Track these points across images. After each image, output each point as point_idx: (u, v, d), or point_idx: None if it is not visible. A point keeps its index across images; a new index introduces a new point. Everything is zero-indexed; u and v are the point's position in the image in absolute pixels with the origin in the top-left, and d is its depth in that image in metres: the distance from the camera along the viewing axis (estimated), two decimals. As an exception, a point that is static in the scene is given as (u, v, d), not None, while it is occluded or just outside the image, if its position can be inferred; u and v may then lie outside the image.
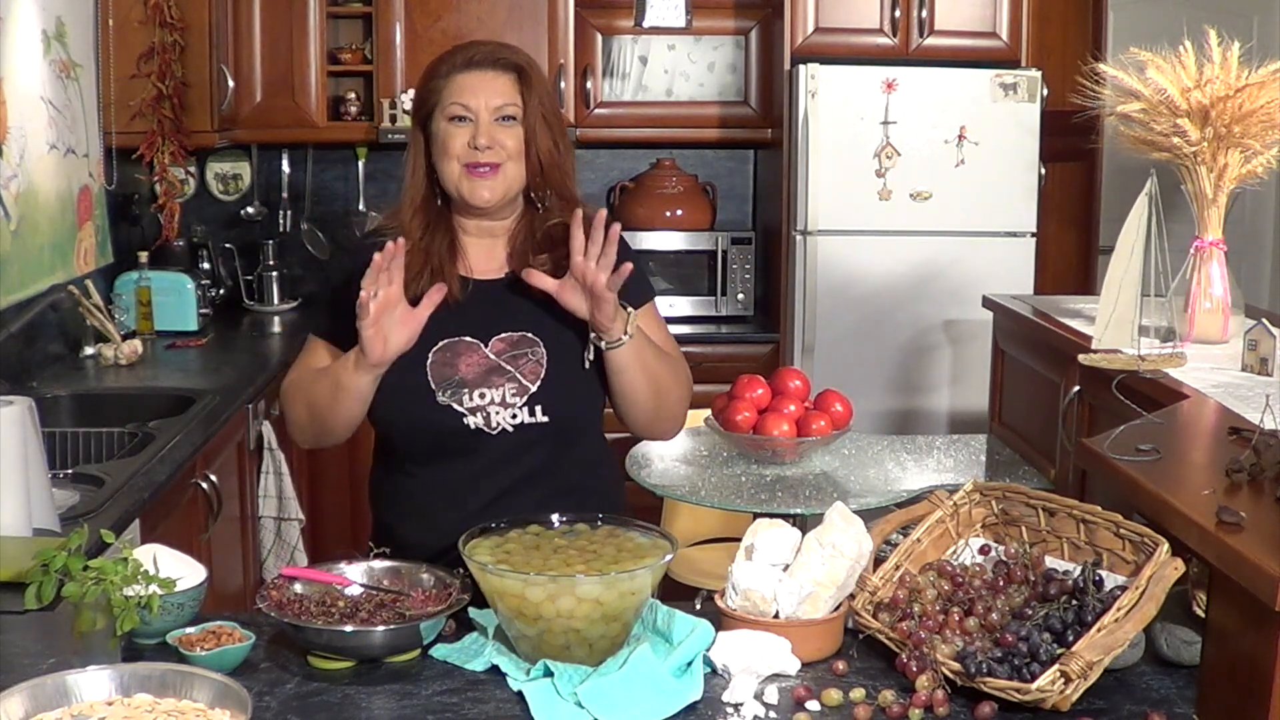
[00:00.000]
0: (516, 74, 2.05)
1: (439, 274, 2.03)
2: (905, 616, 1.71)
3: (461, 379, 2.03)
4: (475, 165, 2.02)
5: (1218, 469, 1.80)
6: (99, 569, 1.62)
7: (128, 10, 4.06)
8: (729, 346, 4.82)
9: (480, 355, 2.04)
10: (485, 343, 2.05)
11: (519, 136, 2.04)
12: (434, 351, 2.04)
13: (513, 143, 2.04)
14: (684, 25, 4.98)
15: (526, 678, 1.63)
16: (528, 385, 2.03)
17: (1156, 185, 2.65)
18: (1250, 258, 5.55)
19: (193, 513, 3.02)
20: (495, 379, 2.03)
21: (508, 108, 2.03)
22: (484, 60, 2.05)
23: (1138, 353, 2.74)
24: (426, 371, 2.03)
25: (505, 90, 2.04)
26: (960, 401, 4.61)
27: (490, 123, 2.03)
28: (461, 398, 2.02)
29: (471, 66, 2.05)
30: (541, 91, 2.06)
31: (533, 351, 2.05)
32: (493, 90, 2.03)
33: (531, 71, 2.06)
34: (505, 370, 2.04)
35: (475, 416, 2.02)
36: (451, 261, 2.07)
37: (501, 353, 2.05)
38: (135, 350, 3.79)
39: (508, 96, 2.04)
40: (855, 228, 4.53)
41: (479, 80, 2.04)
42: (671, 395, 2.12)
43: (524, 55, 2.09)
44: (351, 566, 1.84)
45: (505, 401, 2.02)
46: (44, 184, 3.58)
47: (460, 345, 2.04)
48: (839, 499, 2.11)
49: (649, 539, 1.79)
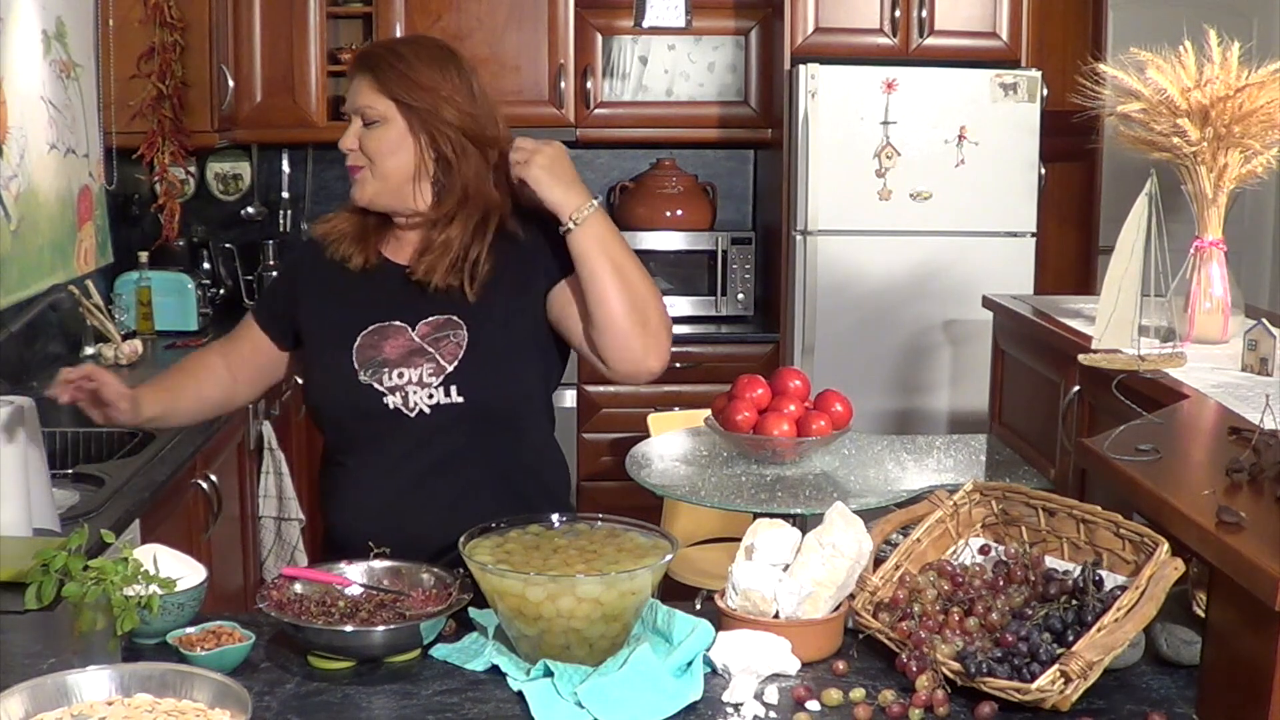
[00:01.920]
0: (370, 75, 2.03)
1: (361, 242, 2.09)
2: (905, 616, 1.71)
3: (384, 359, 2.04)
4: (351, 167, 2.06)
5: (1218, 469, 1.80)
6: (99, 569, 1.62)
7: (128, 10, 4.06)
8: (729, 346, 4.82)
9: (406, 338, 2.05)
10: (413, 326, 2.06)
11: (380, 138, 2.02)
12: (363, 334, 2.06)
13: (371, 144, 2.02)
14: (684, 25, 4.98)
15: (526, 678, 1.63)
16: (445, 365, 2.03)
17: (1156, 185, 2.65)
18: (1250, 258, 5.55)
19: (193, 513, 3.03)
20: (415, 359, 2.03)
21: (365, 110, 2.03)
22: (355, 64, 2.07)
23: (1138, 353, 2.74)
24: (353, 353, 2.05)
25: (365, 93, 2.03)
26: (960, 401, 4.61)
27: (357, 126, 2.04)
28: (382, 377, 2.03)
29: (350, 72, 2.08)
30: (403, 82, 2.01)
31: (454, 334, 2.04)
32: (356, 95, 2.04)
33: (386, 68, 2.01)
34: (426, 351, 2.04)
35: (394, 396, 2.02)
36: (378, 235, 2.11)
37: (425, 335, 2.05)
38: (135, 350, 3.79)
39: (366, 99, 2.02)
40: (855, 228, 4.54)
41: (351, 85, 2.07)
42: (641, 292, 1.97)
43: (386, 52, 2.06)
44: (351, 566, 1.84)
45: (423, 381, 2.02)
46: (44, 184, 3.58)
47: (389, 329, 2.06)
48: (839, 499, 2.11)
49: (649, 539, 1.79)
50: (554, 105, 4.82)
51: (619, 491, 4.27)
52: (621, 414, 4.75)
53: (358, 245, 2.10)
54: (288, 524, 3.78)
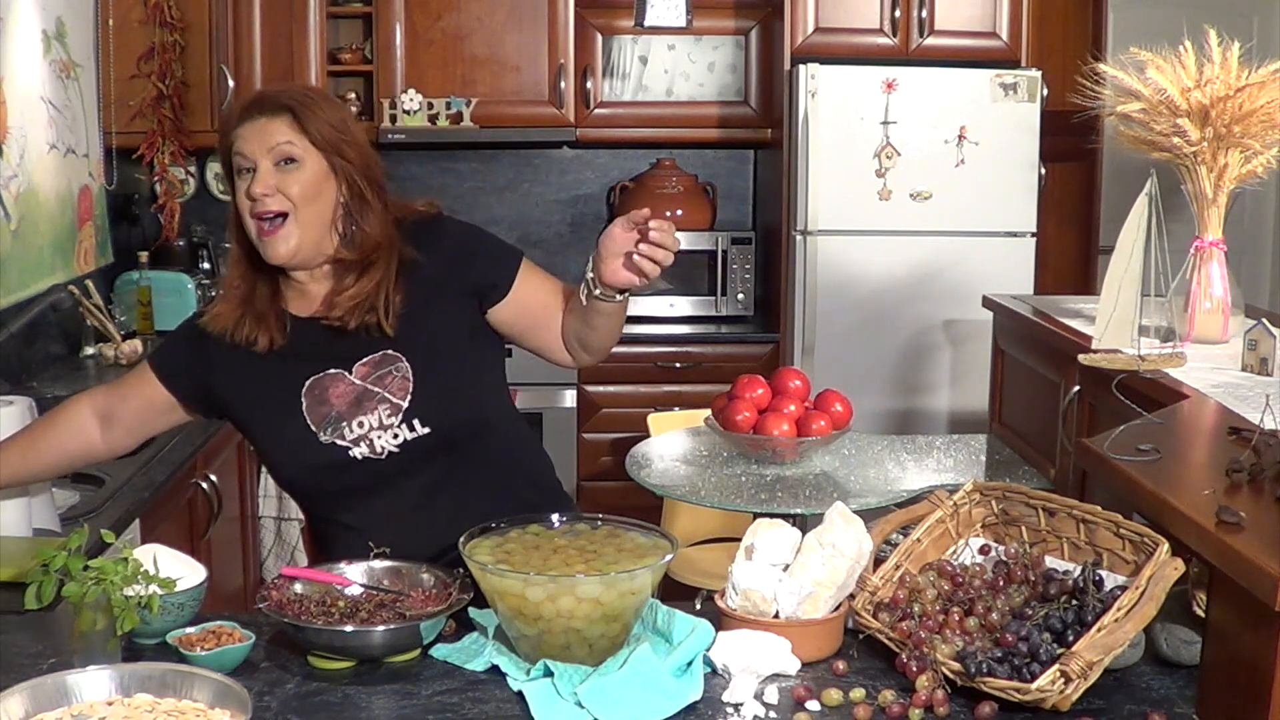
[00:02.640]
0: (290, 114, 1.94)
1: (261, 319, 2.00)
2: (905, 616, 1.71)
3: (338, 413, 1.99)
4: (261, 216, 1.94)
5: (1218, 469, 1.79)
6: (99, 569, 1.62)
7: (128, 10, 4.06)
8: (729, 346, 4.82)
9: (347, 383, 2.00)
10: (349, 370, 2.00)
11: (304, 179, 1.94)
12: (304, 394, 2.00)
13: (297, 187, 1.93)
14: (684, 25, 4.98)
15: (526, 678, 1.63)
16: (399, 402, 1.98)
17: (1156, 185, 2.65)
18: (1250, 258, 5.55)
19: (193, 513, 3.03)
20: (367, 404, 1.99)
21: (283, 147, 1.93)
22: (254, 108, 1.97)
23: (1138, 353, 2.74)
24: (304, 415, 1.99)
25: (280, 131, 1.93)
26: (960, 401, 4.61)
27: (269, 168, 1.93)
28: (343, 432, 1.98)
29: (244, 117, 1.96)
30: (323, 125, 1.95)
31: (396, 368, 2.00)
32: (266, 134, 1.93)
33: (304, 108, 1.95)
34: (373, 393, 1.99)
35: (360, 447, 1.98)
36: (274, 304, 2.02)
37: (366, 376, 2.00)
38: (135, 350, 3.79)
39: (283, 136, 1.93)
40: (855, 228, 4.54)
41: (253, 127, 1.94)
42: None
43: (296, 94, 1.98)
44: (351, 566, 1.84)
45: (383, 424, 1.98)
46: (44, 184, 3.58)
47: (326, 379, 2.00)
48: (839, 499, 2.11)
49: (649, 539, 1.79)
50: (554, 105, 4.82)
51: (619, 491, 4.27)
52: (621, 414, 4.75)
53: (259, 326, 2.00)
54: (288, 524, 3.79)
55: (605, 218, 5.27)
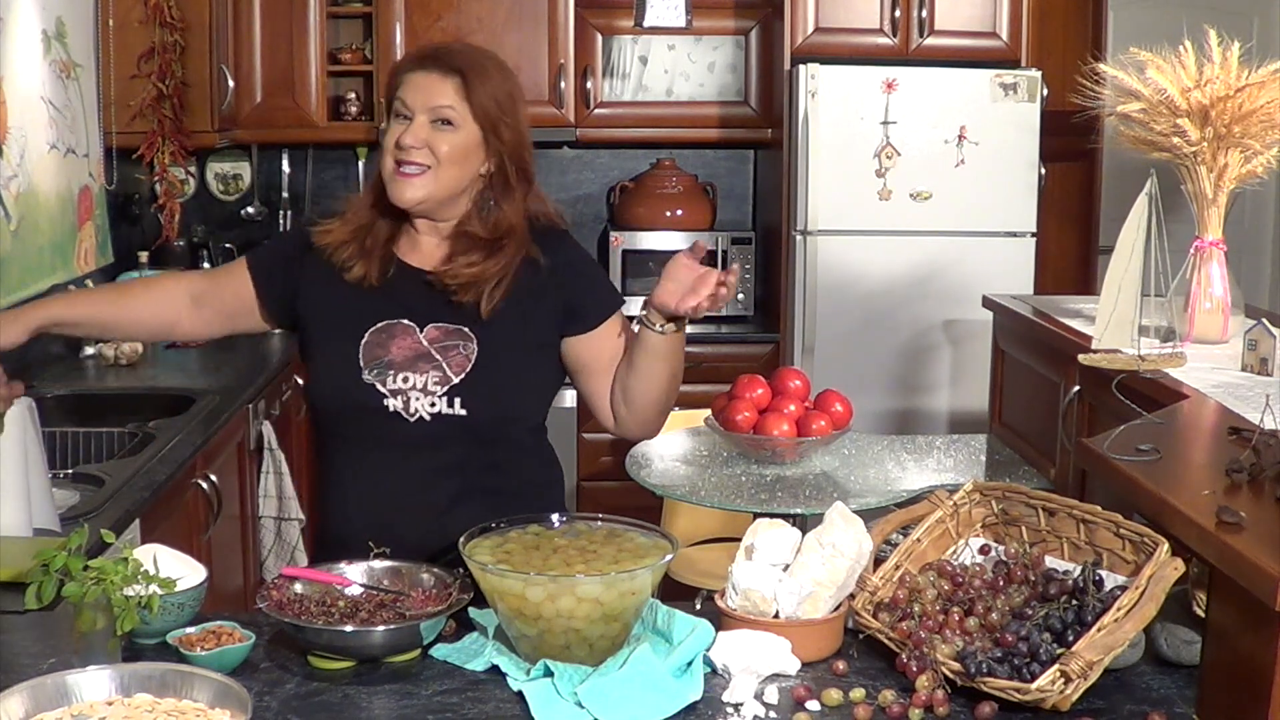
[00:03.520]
0: (460, 78, 2.00)
1: (367, 254, 2.05)
2: (905, 616, 1.71)
3: (390, 360, 2.03)
4: (402, 164, 2.00)
5: (1218, 469, 1.80)
6: (99, 569, 1.62)
7: (128, 10, 4.06)
8: (729, 346, 4.82)
9: (413, 339, 2.04)
10: (421, 328, 2.05)
11: (455, 142, 2.00)
12: (370, 331, 2.04)
13: (446, 147, 1.99)
14: (684, 25, 4.98)
15: (526, 678, 1.63)
16: (451, 376, 2.02)
17: (1156, 185, 2.65)
18: (1250, 258, 5.54)
19: (193, 513, 3.02)
20: (422, 365, 2.03)
21: (444, 110, 1.99)
22: (430, 60, 2.03)
23: (1138, 353, 2.74)
24: (359, 350, 2.04)
25: (446, 94, 2.00)
26: (960, 401, 4.61)
27: (425, 123, 2.00)
28: (386, 379, 2.02)
29: (418, 66, 2.03)
30: (488, 99, 2.01)
31: (464, 345, 2.03)
32: (433, 92, 2.00)
33: (477, 77, 2.00)
34: (433, 359, 2.03)
35: (395, 399, 2.02)
36: (385, 244, 2.08)
37: (435, 340, 2.04)
38: (135, 350, 3.79)
39: (447, 99, 2.00)
40: (855, 228, 4.54)
41: (424, 80, 2.01)
42: (674, 392, 2.11)
43: (474, 58, 2.03)
44: (351, 566, 1.84)
45: (427, 389, 2.02)
46: (44, 184, 3.58)
47: (396, 328, 2.04)
48: (839, 499, 2.11)
49: (649, 539, 1.79)
50: (554, 105, 4.82)
51: (619, 491, 4.26)
52: (621, 414, 4.73)
53: (361, 257, 2.06)
54: (288, 524, 3.78)
55: (605, 218, 5.27)
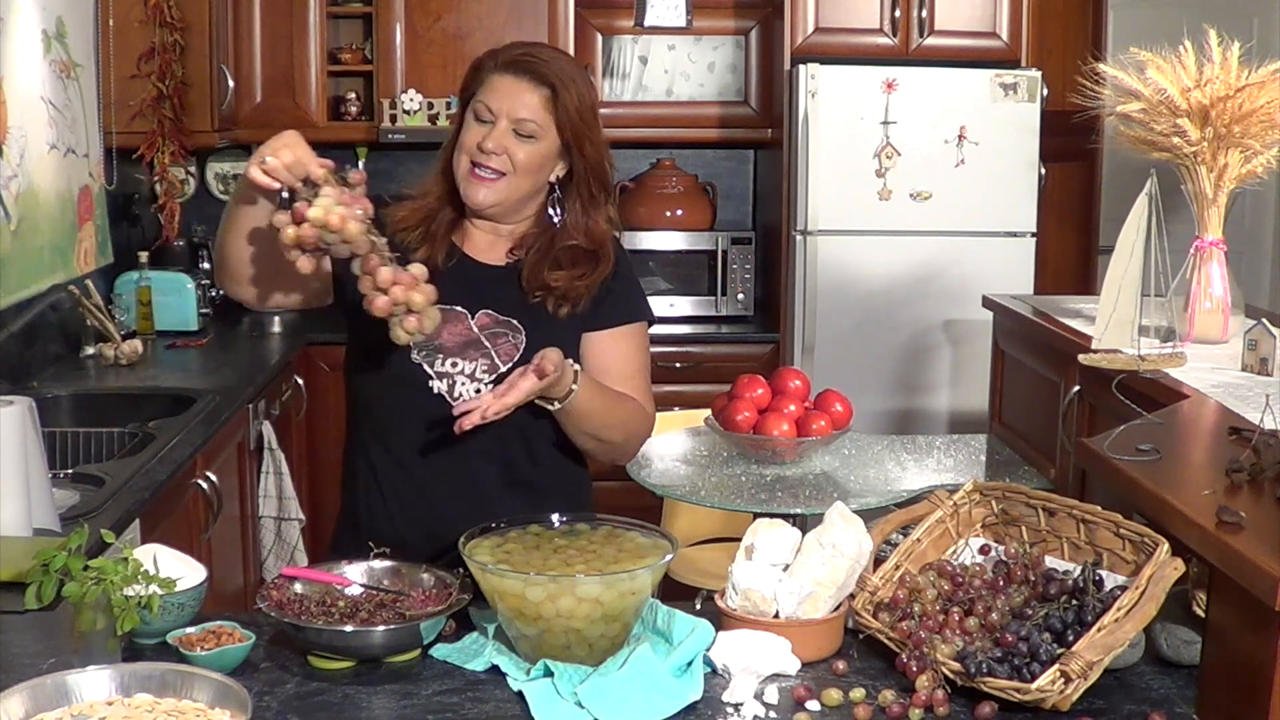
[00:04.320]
0: (550, 91, 2.01)
1: (431, 239, 2.05)
2: (905, 616, 1.71)
3: (440, 344, 2.03)
4: (478, 166, 2.02)
5: (1218, 469, 1.80)
6: (99, 569, 1.62)
7: (128, 10, 4.06)
8: (729, 346, 4.82)
9: (464, 326, 2.05)
10: (472, 314, 2.05)
11: (533, 152, 2.02)
12: None
13: (523, 157, 2.01)
14: (684, 25, 4.98)
15: (526, 678, 1.63)
16: (499, 365, 2.03)
17: (1156, 185, 2.65)
18: (1250, 258, 5.54)
19: (193, 513, 3.02)
20: (471, 352, 2.03)
21: (528, 124, 2.00)
22: (520, 68, 2.02)
23: (1138, 353, 2.74)
24: None
25: (532, 106, 2.00)
26: (960, 401, 4.61)
27: (506, 131, 2.00)
28: (435, 361, 2.03)
29: (508, 69, 2.02)
30: (573, 113, 2.01)
31: (513, 336, 2.05)
32: (519, 102, 2.00)
33: (565, 90, 2.01)
34: (483, 346, 2.04)
35: (441, 382, 2.03)
36: (446, 232, 2.08)
37: (485, 327, 2.05)
38: (135, 350, 3.79)
39: (532, 112, 2.00)
40: (855, 228, 4.54)
41: (511, 86, 2.01)
42: (615, 441, 2.11)
43: (563, 69, 2.03)
44: (351, 566, 1.84)
45: (474, 375, 2.03)
46: (44, 184, 3.58)
47: (449, 314, 2.03)
48: (839, 499, 2.11)
49: (649, 539, 1.79)
50: (554, 105, 4.81)
51: (619, 491, 4.24)
52: (621, 414, 4.73)
53: (425, 241, 2.06)
54: (288, 524, 3.78)
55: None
